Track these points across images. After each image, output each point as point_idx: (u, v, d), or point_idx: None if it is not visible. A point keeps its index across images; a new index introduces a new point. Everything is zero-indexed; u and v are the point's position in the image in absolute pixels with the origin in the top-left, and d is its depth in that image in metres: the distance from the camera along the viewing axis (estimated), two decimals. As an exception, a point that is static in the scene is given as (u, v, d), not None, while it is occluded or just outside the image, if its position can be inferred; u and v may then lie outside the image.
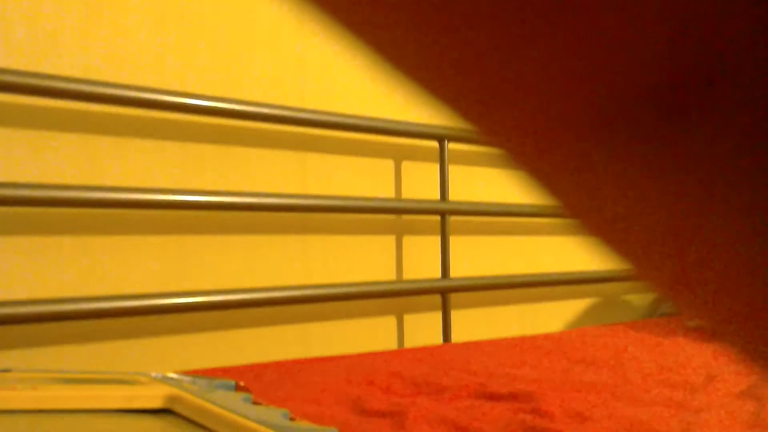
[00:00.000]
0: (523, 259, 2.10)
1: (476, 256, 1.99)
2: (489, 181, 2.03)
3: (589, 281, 2.08)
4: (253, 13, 1.60)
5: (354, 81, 1.78)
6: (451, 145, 1.93)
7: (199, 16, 1.52)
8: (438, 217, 1.90)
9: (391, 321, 1.80)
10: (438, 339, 1.87)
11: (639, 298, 2.41)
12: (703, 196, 0.10)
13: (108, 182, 1.38)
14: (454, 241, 1.94)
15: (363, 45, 0.12)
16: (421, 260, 1.87)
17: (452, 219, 1.93)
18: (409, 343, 1.82)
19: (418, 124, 1.76)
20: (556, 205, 0.13)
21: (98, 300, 1.23)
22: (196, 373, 1.12)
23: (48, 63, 1.32)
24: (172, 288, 1.45)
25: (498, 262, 2.04)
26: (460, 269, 1.94)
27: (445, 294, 1.81)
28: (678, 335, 1.68)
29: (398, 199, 1.72)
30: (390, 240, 1.81)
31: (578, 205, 0.12)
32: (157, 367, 1.42)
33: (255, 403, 0.84)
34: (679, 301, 0.12)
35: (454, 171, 1.96)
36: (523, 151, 0.12)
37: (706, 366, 1.25)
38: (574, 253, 2.24)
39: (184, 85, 1.49)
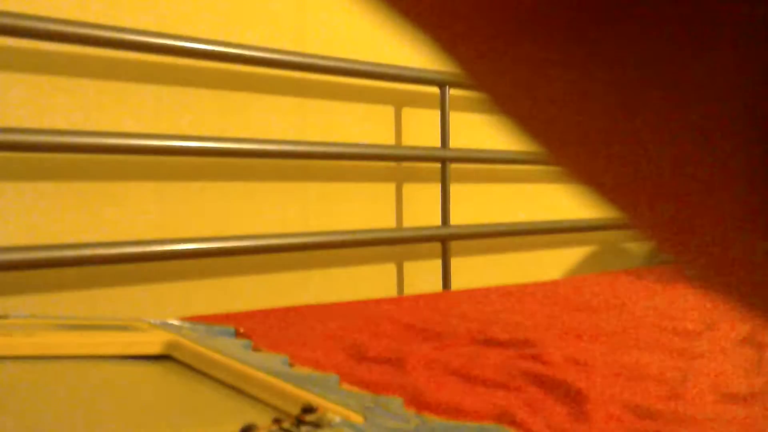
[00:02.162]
0: (523, 207, 2.09)
1: (476, 204, 1.98)
2: (490, 128, 2.01)
3: (588, 229, 2.08)
4: (249, -47, 1.55)
5: (354, 25, 1.74)
6: (452, 91, 1.90)
7: (193, -44, 1.47)
8: (438, 165, 1.88)
9: (390, 268, 1.80)
10: (438, 287, 1.88)
11: (638, 246, 2.41)
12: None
13: (105, 128, 1.36)
14: (454, 188, 1.92)
15: None
16: (421, 208, 1.86)
17: (453, 166, 1.92)
18: (408, 291, 1.83)
19: (418, 69, 1.73)
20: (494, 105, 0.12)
21: (96, 246, 1.22)
22: (195, 320, 1.12)
23: (44, 5, 1.28)
24: (170, 234, 1.44)
25: (498, 210, 2.03)
26: (460, 217, 1.94)
27: (444, 242, 1.81)
28: (677, 283, 1.68)
29: (398, 145, 1.70)
30: (390, 187, 1.80)
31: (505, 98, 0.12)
32: (157, 313, 1.43)
33: (255, 349, 0.84)
34: (667, 249, 0.12)
35: (455, 118, 1.93)
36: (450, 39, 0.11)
37: (706, 313, 1.26)
38: (574, 201, 2.23)
39: (181, 28, 1.45)
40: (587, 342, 1.01)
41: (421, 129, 1.86)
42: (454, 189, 1.93)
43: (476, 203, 1.98)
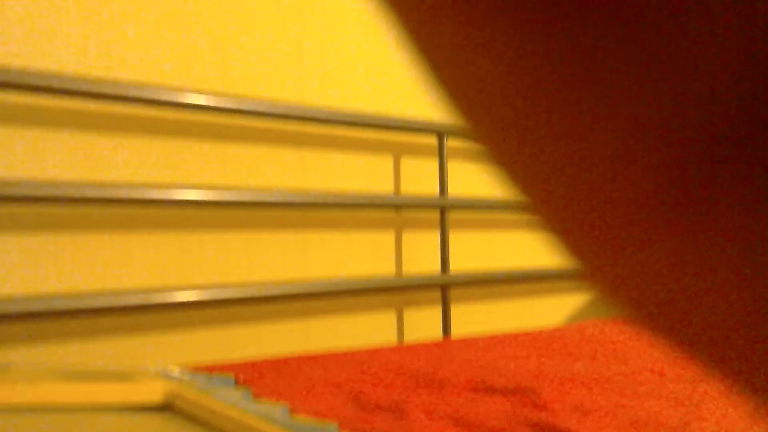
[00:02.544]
0: (522, 253, 2.10)
1: (476, 250, 1.99)
2: (488, 176, 2.03)
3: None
4: (250, 9, 1.60)
5: (353, 76, 1.77)
6: (450, 140, 1.93)
7: (196, 13, 1.51)
8: (437, 212, 1.90)
9: (390, 316, 1.80)
10: (438, 334, 1.87)
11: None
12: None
13: (106, 180, 1.37)
14: (453, 235, 1.94)
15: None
16: (421, 255, 1.87)
17: (452, 214, 1.93)
18: (409, 338, 1.82)
19: (416, 119, 1.76)
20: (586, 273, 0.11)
21: (97, 296, 1.23)
22: (195, 369, 1.12)
23: (45, 61, 1.31)
24: (170, 284, 1.44)
25: (497, 256, 2.03)
26: (459, 264, 1.94)
27: (444, 288, 1.81)
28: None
29: (397, 194, 1.72)
30: (389, 235, 1.81)
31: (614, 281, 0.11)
32: (157, 362, 1.42)
33: (255, 398, 0.84)
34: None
35: (453, 166, 1.95)
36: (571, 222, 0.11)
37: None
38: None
39: (181, 81, 1.48)
40: (588, 389, 1.01)
41: (419, 177, 1.88)
42: (453, 236, 1.94)
43: (475, 250, 1.98)
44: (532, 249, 2.13)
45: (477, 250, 1.99)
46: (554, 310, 2.17)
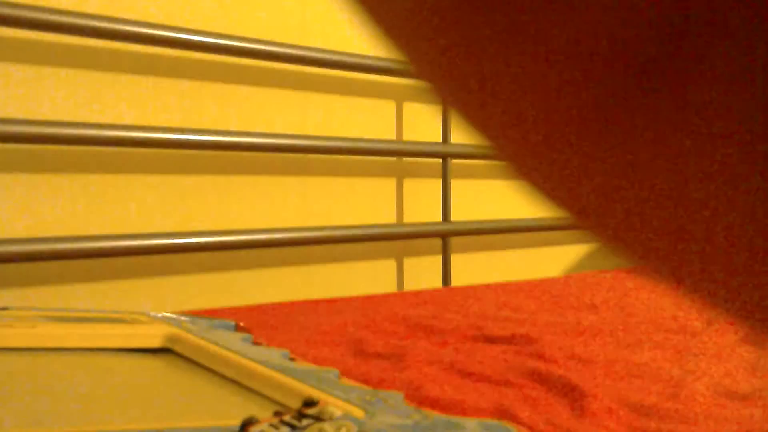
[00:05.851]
0: (523, 203, 2.09)
1: (477, 200, 1.98)
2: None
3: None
4: (251, -54, 1.55)
5: (356, 20, 1.73)
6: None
7: (195, -51, 1.47)
8: (439, 160, 1.88)
9: (391, 264, 1.80)
10: (438, 283, 1.88)
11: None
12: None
13: (105, 120, 1.35)
14: (455, 184, 1.92)
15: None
16: (422, 204, 1.86)
17: (454, 162, 1.92)
18: (409, 287, 1.83)
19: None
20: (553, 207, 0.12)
21: (97, 239, 1.22)
22: (195, 314, 1.12)
23: (40, -4, 1.28)
24: (171, 228, 1.44)
25: (499, 206, 2.03)
26: (461, 213, 1.94)
27: (445, 238, 1.81)
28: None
29: (399, 141, 1.70)
30: (391, 183, 1.80)
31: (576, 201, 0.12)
32: (157, 307, 1.43)
33: (255, 343, 0.84)
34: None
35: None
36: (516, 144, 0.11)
37: (706, 311, 1.26)
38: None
39: (182, 20, 1.45)
40: (587, 339, 1.01)
41: (422, 124, 1.86)
42: (455, 185, 1.92)
43: (477, 200, 1.98)
44: (534, 198, 2.12)
45: (478, 200, 1.98)
46: (555, 260, 2.18)
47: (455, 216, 1.92)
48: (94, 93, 1.34)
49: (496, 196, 2.02)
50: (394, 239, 1.65)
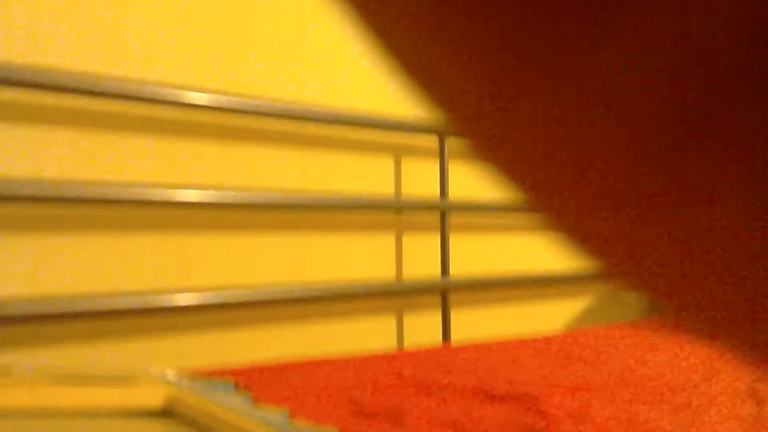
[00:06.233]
0: (522, 257, 2.10)
1: (476, 254, 1.98)
2: (489, 178, 2.02)
3: (587, 279, 2.08)
4: (251, 8, 1.60)
5: (353, 76, 1.77)
6: (451, 141, 1.93)
7: (197, 11, 1.51)
8: (438, 214, 1.90)
9: (390, 320, 1.80)
10: (437, 338, 1.87)
11: (637, 297, 2.41)
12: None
13: (104, 179, 1.37)
14: (453, 238, 1.93)
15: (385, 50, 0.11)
16: (421, 258, 1.87)
17: (452, 216, 1.93)
18: (408, 342, 1.82)
19: (417, 119, 1.76)
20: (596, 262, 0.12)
21: (97, 298, 1.23)
22: (194, 374, 1.12)
23: (47, 57, 1.31)
24: (170, 286, 1.44)
25: (498, 260, 2.03)
26: (460, 268, 1.94)
27: (444, 293, 1.81)
28: (676, 333, 1.68)
29: (398, 196, 1.72)
30: (389, 238, 1.81)
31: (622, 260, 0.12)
32: (156, 365, 1.42)
33: (255, 402, 0.83)
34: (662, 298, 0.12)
35: (454, 167, 1.95)
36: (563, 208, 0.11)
37: (705, 365, 1.25)
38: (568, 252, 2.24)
39: (182, 80, 1.48)
40: (587, 396, 1.01)
41: (420, 179, 1.88)
42: (454, 239, 1.93)
43: (476, 254, 1.98)
44: (533, 253, 2.13)
45: (477, 254, 1.99)
46: (555, 315, 2.17)
47: (454, 270, 1.93)
48: (93, 152, 1.36)
49: (495, 250, 2.03)
50: (393, 295, 1.65)
